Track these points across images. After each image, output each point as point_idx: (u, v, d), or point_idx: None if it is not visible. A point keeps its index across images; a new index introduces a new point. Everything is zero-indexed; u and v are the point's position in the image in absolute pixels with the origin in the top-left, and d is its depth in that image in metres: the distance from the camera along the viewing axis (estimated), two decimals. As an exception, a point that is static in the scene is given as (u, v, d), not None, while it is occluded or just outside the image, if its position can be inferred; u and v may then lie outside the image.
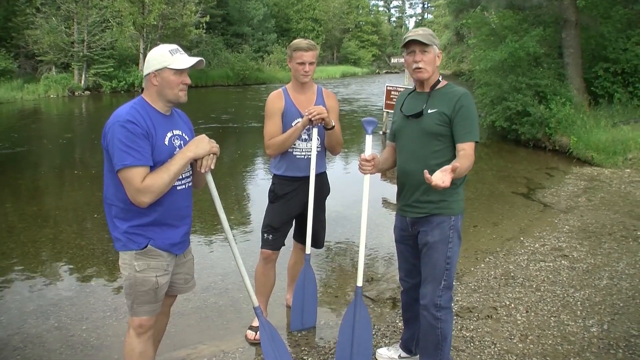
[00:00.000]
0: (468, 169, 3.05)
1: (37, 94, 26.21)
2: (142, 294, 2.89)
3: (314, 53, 3.91)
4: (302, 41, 3.94)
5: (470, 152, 3.05)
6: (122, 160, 2.65)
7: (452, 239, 3.18)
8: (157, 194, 2.71)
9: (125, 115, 2.70)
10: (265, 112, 4.02)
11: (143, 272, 2.85)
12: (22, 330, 4.30)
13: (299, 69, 3.89)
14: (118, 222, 2.84)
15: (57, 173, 10.85)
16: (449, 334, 3.25)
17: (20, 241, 6.44)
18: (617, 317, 4.43)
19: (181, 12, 34.52)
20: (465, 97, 3.11)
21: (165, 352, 3.87)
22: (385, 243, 6.38)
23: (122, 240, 2.83)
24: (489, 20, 17.70)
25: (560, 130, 12.81)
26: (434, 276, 3.20)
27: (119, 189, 2.76)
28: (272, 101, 3.98)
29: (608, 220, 7.13)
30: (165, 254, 2.91)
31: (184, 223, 3.00)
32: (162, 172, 2.73)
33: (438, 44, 3.20)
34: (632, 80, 14.51)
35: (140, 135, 2.69)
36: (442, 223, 3.18)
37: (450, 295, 3.23)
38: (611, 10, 15.40)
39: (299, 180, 4.03)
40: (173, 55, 2.81)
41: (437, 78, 3.24)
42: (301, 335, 4.18)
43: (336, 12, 69.08)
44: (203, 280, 5.21)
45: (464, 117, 3.08)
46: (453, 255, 3.20)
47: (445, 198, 3.16)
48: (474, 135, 3.09)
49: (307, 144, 3.99)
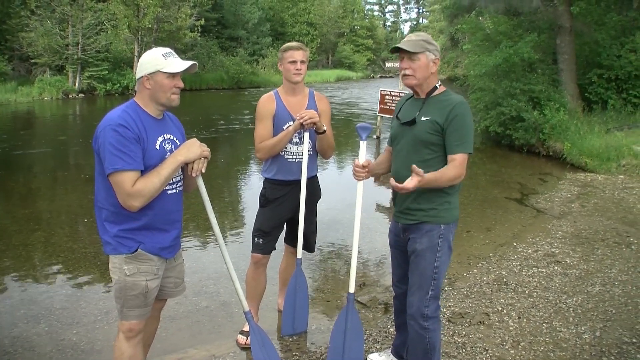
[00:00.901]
0: (453, 179, 3.01)
1: (31, 97, 26.08)
2: (131, 298, 2.87)
3: (304, 52, 3.92)
4: (291, 43, 3.98)
5: (459, 162, 3.00)
6: (113, 164, 2.64)
7: (441, 248, 3.14)
8: (147, 198, 2.71)
9: (117, 119, 2.69)
10: (256, 115, 4.00)
11: (133, 276, 2.84)
12: (12, 334, 4.27)
13: (290, 68, 3.88)
14: (108, 225, 2.83)
15: (49, 176, 10.79)
16: (437, 342, 3.22)
17: (11, 244, 6.40)
18: (609, 323, 4.43)
19: (176, 15, 34.42)
20: (460, 106, 3.04)
21: (156, 356, 3.85)
22: (377, 248, 6.37)
23: (112, 244, 2.82)
24: (484, 25, 17.75)
25: (554, 136, 12.84)
26: (420, 285, 3.17)
27: (110, 192, 2.76)
28: (263, 104, 3.97)
29: (601, 227, 7.14)
30: (156, 258, 2.91)
31: (174, 227, 3.00)
32: (153, 176, 2.73)
33: (434, 49, 3.11)
34: (626, 86, 14.60)
35: (132, 139, 2.68)
36: (431, 231, 3.14)
37: (437, 304, 3.20)
38: (605, 17, 15.50)
39: (290, 184, 4.02)
40: (166, 58, 2.81)
41: (434, 84, 3.17)
42: (292, 340, 4.17)
43: (331, 16, 69.17)
44: (194, 284, 5.19)
45: (457, 127, 3.01)
46: (441, 265, 3.15)
47: (435, 206, 3.12)
48: (466, 147, 3.02)
49: (298, 148, 3.97)
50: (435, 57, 3.13)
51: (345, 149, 14.42)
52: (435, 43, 3.16)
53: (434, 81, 3.17)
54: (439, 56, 3.18)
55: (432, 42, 3.13)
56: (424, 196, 3.12)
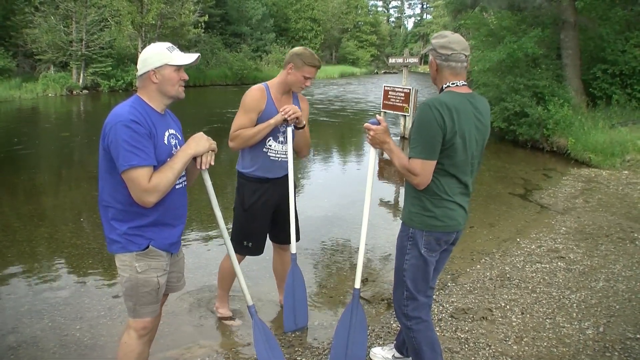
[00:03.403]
0: (403, 171, 2.98)
1: (35, 93, 26.10)
2: (144, 295, 2.89)
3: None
4: (315, 57, 3.91)
5: (408, 164, 2.93)
6: (129, 161, 2.63)
7: (410, 252, 3.09)
8: (163, 192, 2.72)
9: (127, 115, 2.68)
10: (242, 104, 3.91)
11: (145, 272, 2.85)
12: (16, 329, 4.27)
13: (302, 81, 3.89)
14: (116, 223, 2.81)
15: (54, 172, 10.82)
16: (423, 343, 3.18)
17: (15, 240, 6.41)
18: (613, 319, 4.42)
19: (180, 11, 34.44)
20: (418, 109, 2.94)
21: (159, 352, 3.86)
22: (381, 244, 6.37)
23: (121, 242, 2.81)
24: (488, 21, 17.70)
25: (558, 132, 12.81)
26: (397, 284, 3.21)
27: (117, 189, 2.75)
28: (254, 98, 3.90)
29: (605, 222, 7.12)
30: (165, 254, 2.92)
31: (181, 222, 3.02)
32: (167, 170, 2.74)
33: (431, 49, 3.01)
34: (630, 82, 14.54)
35: (145, 135, 2.69)
36: (403, 232, 3.15)
37: (416, 304, 3.16)
38: (610, 12, 15.43)
39: (267, 182, 4.04)
40: (171, 52, 2.83)
41: (441, 85, 3.04)
42: (295, 336, 4.17)
43: (335, 12, 69.09)
44: (197, 280, 5.21)
45: (411, 132, 3.00)
46: (410, 268, 3.10)
47: (411, 209, 3.09)
48: (416, 152, 2.90)
49: (282, 147, 4.01)
50: (433, 58, 3.02)
51: (347, 147, 14.41)
52: (436, 41, 3.00)
53: (441, 82, 3.04)
54: (440, 55, 2.98)
55: (432, 40, 3.04)
56: (407, 195, 3.15)
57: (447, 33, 3.05)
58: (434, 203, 3.01)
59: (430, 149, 2.88)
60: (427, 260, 3.09)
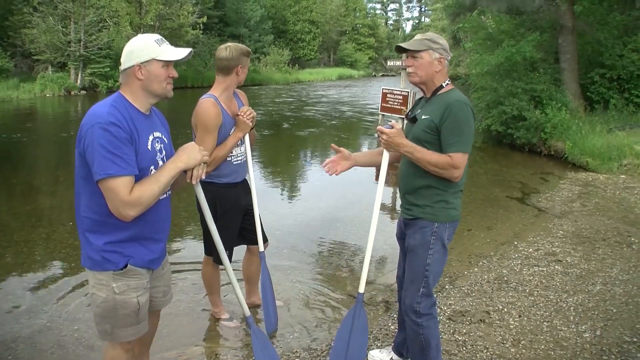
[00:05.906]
0: (439, 169, 2.99)
1: (33, 93, 26.13)
2: (123, 317, 2.61)
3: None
4: (246, 46, 4.01)
5: (455, 161, 2.98)
6: (106, 169, 2.35)
7: (434, 246, 3.14)
8: (145, 206, 2.44)
9: (106, 117, 2.39)
10: (203, 126, 3.70)
11: (123, 293, 2.57)
12: (14, 329, 4.27)
13: (245, 73, 3.92)
14: (92, 237, 2.54)
15: (51, 172, 10.81)
16: (432, 340, 3.22)
17: (13, 240, 6.41)
18: (610, 322, 4.43)
19: (178, 12, 34.50)
20: (455, 105, 3.00)
21: (157, 353, 3.85)
22: (379, 246, 6.36)
23: (96, 259, 2.53)
24: (486, 24, 17.73)
25: (555, 135, 12.82)
26: (412, 281, 3.21)
27: (93, 198, 2.49)
28: (213, 116, 3.71)
29: (602, 226, 7.14)
30: (144, 271, 2.66)
31: (164, 236, 2.77)
32: (152, 183, 2.46)
33: (439, 48, 3.10)
34: (628, 86, 14.59)
35: (125, 140, 2.40)
36: (424, 228, 3.16)
37: (430, 302, 3.21)
38: (608, 17, 15.46)
39: (236, 186, 4.05)
40: (160, 45, 2.55)
41: (440, 83, 3.15)
42: (293, 338, 4.17)
43: (333, 14, 69.24)
44: (195, 281, 5.20)
45: (450, 127, 2.99)
46: (433, 263, 3.15)
47: (431, 204, 3.13)
48: (461, 146, 2.99)
49: (241, 148, 4.01)
50: (441, 56, 3.12)
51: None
52: (443, 42, 3.13)
53: (440, 80, 3.16)
54: (447, 55, 3.15)
55: (438, 41, 3.12)
56: (421, 192, 3.16)
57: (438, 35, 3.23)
58: (455, 195, 3.16)
59: (470, 143, 3.05)
60: (447, 252, 3.25)
